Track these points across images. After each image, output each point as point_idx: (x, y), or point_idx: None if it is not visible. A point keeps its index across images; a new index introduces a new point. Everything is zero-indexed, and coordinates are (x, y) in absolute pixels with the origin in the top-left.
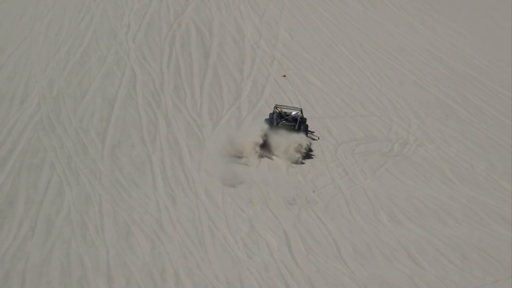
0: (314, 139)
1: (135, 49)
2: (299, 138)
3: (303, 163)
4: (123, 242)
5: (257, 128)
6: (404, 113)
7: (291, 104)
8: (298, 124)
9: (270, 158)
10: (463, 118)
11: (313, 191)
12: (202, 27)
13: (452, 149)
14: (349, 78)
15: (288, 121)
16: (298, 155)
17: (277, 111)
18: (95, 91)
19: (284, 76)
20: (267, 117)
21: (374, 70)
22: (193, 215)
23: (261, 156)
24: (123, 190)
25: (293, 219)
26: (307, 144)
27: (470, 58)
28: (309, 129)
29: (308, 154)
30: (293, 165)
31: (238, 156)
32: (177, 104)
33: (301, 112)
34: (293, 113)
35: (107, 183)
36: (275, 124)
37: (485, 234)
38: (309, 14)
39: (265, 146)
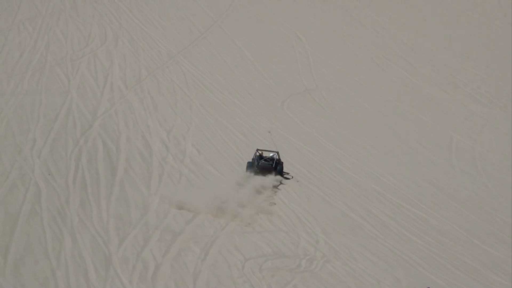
0: (288, 178)
1: (40, 165)
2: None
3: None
4: None
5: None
6: (311, 228)
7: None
8: (274, 163)
9: None
10: (369, 234)
11: None
12: (109, 143)
13: (358, 265)
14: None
15: (267, 161)
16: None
17: (258, 154)
18: None
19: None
20: (249, 161)
21: (281, 186)
22: None
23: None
24: None
25: None
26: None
27: (375, 173)
28: (284, 170)
29: (214, 267)
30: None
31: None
32: (83, 219)
33: (278, 155)
34: (271, 154)
35: None
36: (256, 164)
37: None
38: (216, 130)
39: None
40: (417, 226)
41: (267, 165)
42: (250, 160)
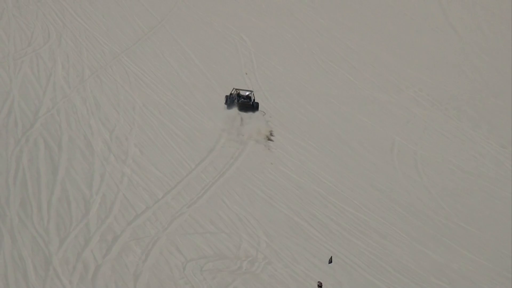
0: (264, 114)
1: None
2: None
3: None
4: None
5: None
6: (253, 230)
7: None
8: (252, 101)
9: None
10: (311, 236)
11: None
12: (51, 142)
13: (300, 267)
14: (199, 196)
15: (245, 98)
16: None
17: (236, 92)
18: None
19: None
20: (228, 95)
21: (223, 187)
22: None
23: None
24: None
25: None
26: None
27: (318, 176)
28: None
29: (155, 268)
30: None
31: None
32: (23, 219)
33: (253, 94)
34: (247, 93)
35: None
36: (235, 101)
37: None
38: (159, 130)
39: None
40: (359, 229)
41: (247, 103)
42: (228, 95)
